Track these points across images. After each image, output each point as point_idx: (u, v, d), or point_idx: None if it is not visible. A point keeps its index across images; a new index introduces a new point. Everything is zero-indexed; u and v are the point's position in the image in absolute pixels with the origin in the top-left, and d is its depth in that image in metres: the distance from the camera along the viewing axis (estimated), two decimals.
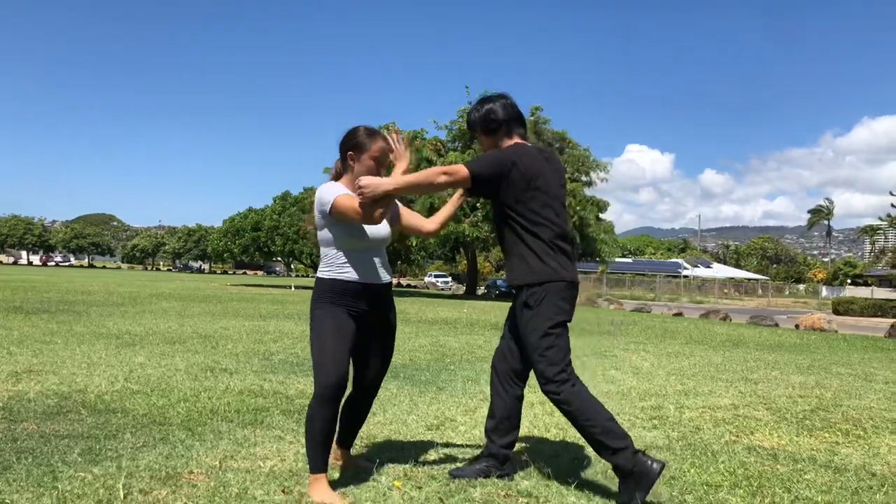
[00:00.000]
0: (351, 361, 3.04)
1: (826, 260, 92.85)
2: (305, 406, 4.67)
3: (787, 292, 62.25)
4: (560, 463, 3.54)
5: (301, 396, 5.06)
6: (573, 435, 4.21)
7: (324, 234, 3.06)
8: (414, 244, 30.79)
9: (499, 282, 41.95)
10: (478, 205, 27.96)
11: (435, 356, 7.96)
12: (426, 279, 60.94)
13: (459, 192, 3.36)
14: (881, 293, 43.91)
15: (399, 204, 3.33)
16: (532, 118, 32.36)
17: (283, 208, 45.13)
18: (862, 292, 48.30)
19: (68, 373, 5.65)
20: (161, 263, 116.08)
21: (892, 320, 21.19)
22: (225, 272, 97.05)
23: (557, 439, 4.11)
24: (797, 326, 17.48)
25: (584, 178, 33.05)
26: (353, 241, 3.04)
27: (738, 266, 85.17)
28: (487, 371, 6.78)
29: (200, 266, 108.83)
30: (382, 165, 3.13)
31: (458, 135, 32.28)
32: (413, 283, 64.29)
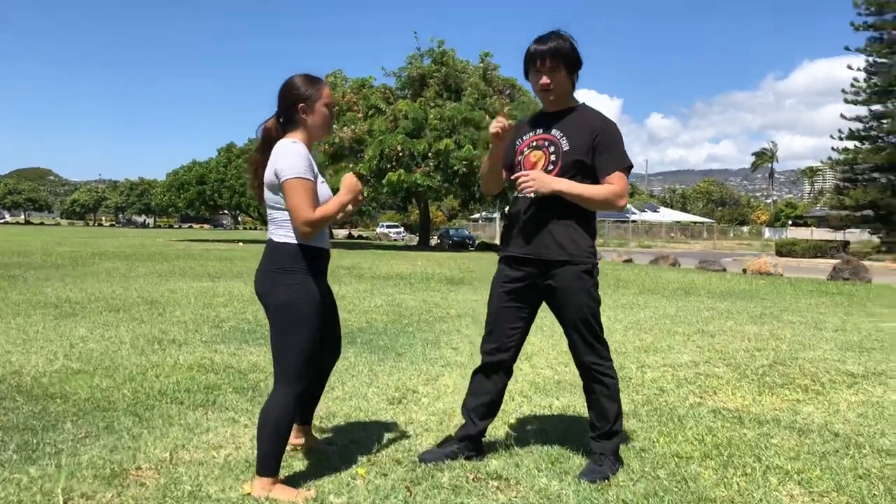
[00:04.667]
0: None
1: (769, 202, 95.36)
2: (259, 382, 4.47)
3: (732, 234, 63.94)
4: (528, 440, 3.44)
5: (254, 370, 4.85)
6: (539, 405, 4.13)
7: (276, 196, 2.73)
8: (366, 194, 30.29)
9: (451, 231, 41.78)
10: (430, 154, 27.55)
11: (392, 317, 7.80)
12: (378, 230, 60.30)
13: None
14: (820, 233, 45.34)
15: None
16: (481, 65, 31.87)
17: (228, 160, 43.88)
18: (802, 233, 49.88)
19: (2, 351, 5.31)
20: (103, 219, 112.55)
21: (832, 261, 21.90)
22: (170, 226, 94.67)
23: (523, 414, 4.02)
24: (744, 271, 17.87)
25: None
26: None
27: (684, 210, 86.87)
28: (447, 332, 6.69)
29: (144, 221, 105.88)
30: (333, 113, 2.90)
31: (406, 82, 31.62)
32: (365, 233, 63.61)
